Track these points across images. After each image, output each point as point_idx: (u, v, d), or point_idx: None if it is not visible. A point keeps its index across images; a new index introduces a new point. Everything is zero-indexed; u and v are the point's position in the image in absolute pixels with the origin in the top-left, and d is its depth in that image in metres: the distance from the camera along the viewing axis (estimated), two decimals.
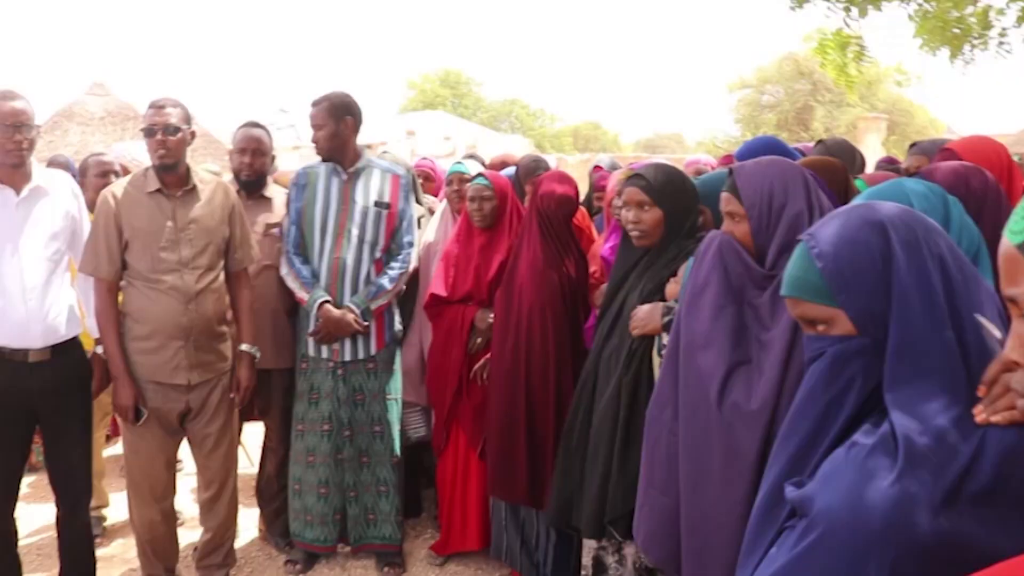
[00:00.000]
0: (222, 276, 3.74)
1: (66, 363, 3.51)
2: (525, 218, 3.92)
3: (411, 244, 4.17)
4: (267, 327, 4.11)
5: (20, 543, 3.63)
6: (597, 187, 4.88)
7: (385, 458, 4.15)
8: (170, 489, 3.81)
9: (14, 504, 3.56)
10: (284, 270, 4.06)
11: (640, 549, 2.58)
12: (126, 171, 4.57)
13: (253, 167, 4.20)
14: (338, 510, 4.16)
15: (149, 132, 3.53)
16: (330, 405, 4.07)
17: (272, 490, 4.39)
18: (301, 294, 4.00)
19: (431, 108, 38.51)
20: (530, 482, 3.72)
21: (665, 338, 2.63)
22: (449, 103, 43.92)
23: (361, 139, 4.20)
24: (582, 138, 45.81)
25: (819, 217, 1.87)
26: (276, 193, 4.34)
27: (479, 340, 4.01)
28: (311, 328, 4.01)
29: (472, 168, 4.47)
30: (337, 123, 4.01)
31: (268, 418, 4.35)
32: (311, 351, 4.08)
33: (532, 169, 4.86)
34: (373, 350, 4.11)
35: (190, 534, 4.33)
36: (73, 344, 3.56)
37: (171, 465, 3.79)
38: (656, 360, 2.74)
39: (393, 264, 4.11)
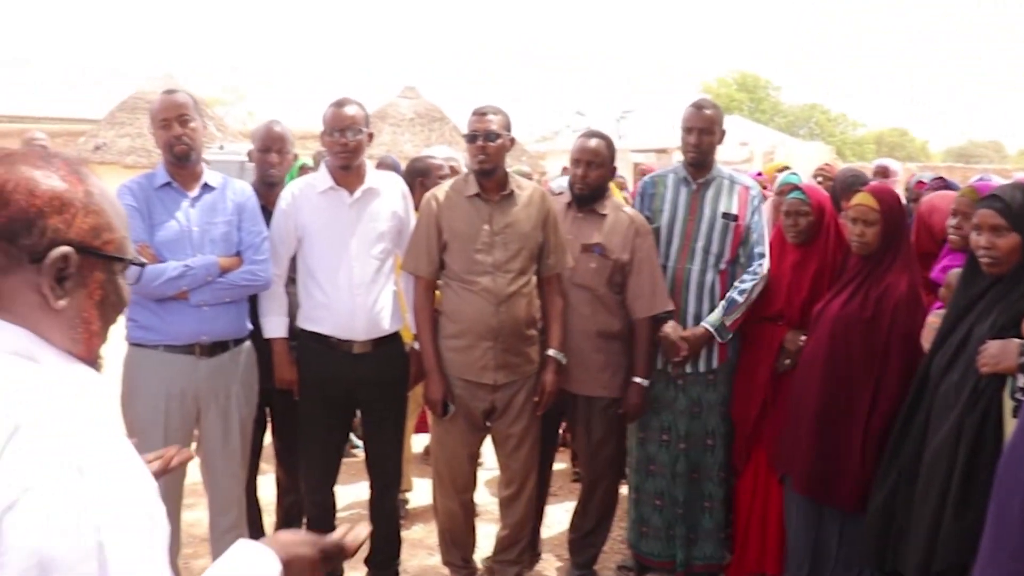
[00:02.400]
0: (534, 281, 3.80)
1: (387, 356, 3.73)
2: (902, 240, 3.54)
3: (763, 255, 4.01)
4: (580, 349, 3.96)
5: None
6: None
7: (713, 472, 4.08)
8: (471, 482, 3.94)
9: (334, 481, 3.85)
10: None
11: None
12: (455, 172, 4.78)
13: (587, 180, 3.90)
14: (672, 525, 4.12)
15: (471, 138, 3.65)
16: (669, 416, 4.05)
17: None
18: None
19: (727, 113, 37.67)
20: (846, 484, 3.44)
21: (1021, 380, 2.34)
22: (745, 108, 42.88)
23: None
24: (886, 145, 43.15)
25: None
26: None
27: (787, 362, 3.81)
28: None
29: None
30: (717, 133, 4.01)
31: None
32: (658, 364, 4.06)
33: (850, 184, 4.57)
34: (715, 363, 4.04)
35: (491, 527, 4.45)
36: (394, 338, 3.78)
37: (474, 459, 3.92)
38: (1008, 403, 2.44)
39: (744, 276, 3.99)
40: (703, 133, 3.98)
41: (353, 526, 1.58)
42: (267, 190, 3.88)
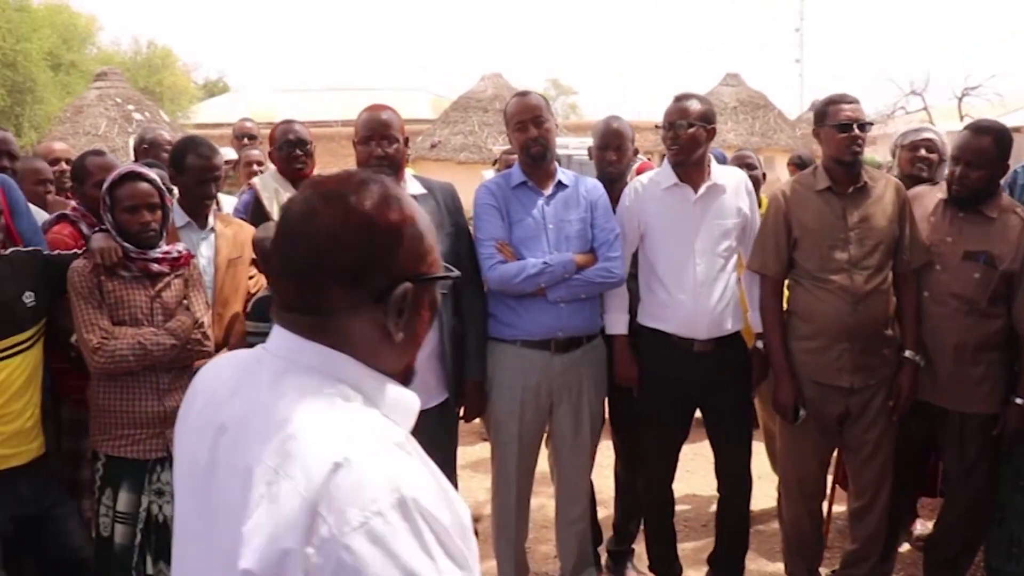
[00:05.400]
0: (890, 277, 3.55)
1: (728, 355, 3.65)
2: None
3: None
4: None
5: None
6: None
7: None
8: (821, 490, 3.77)
9: (672, 478, 3.84)
10: None
11: None
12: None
13: (967, 181, 3.44)
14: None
15: (843, 127, 3.46)
16: None
17: None
18: None
19: None
20: None
21: None
22: None
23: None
24: None
25: None
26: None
27: None
28: None
29: None
30: None
31: None
32: None
33: None
34: None
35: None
36: (736, 338, 3.69)
37: (824, 466, 3.75)
38: None
39: None
40: None
41: None
42: (607, 187, 3.92)
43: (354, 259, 1.14)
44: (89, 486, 3.22)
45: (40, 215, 3.78)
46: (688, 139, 3.53)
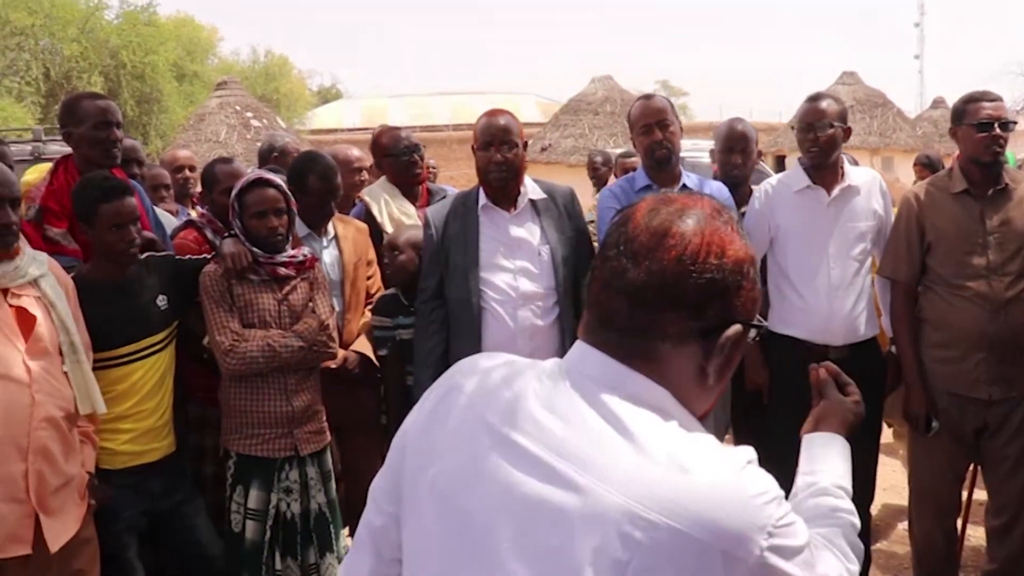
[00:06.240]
0: None
1: (864, 361, 3.51)
2: None
3: None
4: None
5: None
6: None
7: None
8: (956, 507, 3.60)
9: None
10: None
11: None
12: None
13: None
14: None
15: (982, 126, 3.30)
16: None
17: None
18: None
19: None
20: None
21: None
22: None
23: None
24: None
25: None
26: None
27: None
28: None
29: None
30: None
31: None
32: None
33: None
34: None
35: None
36: (871, 344, 3.57)
37: (959, 481, 3.57)
38: None
39: None
40: None
41: None
42: (730, 190, 3.84)
43: (701, 290, 1.09)
44: (213, 482, 3.33)
45: (167, 220, 3.93)
46: (828, 140, 3.45)
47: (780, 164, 17.09)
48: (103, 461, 2.91)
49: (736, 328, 1.12)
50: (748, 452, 1.09)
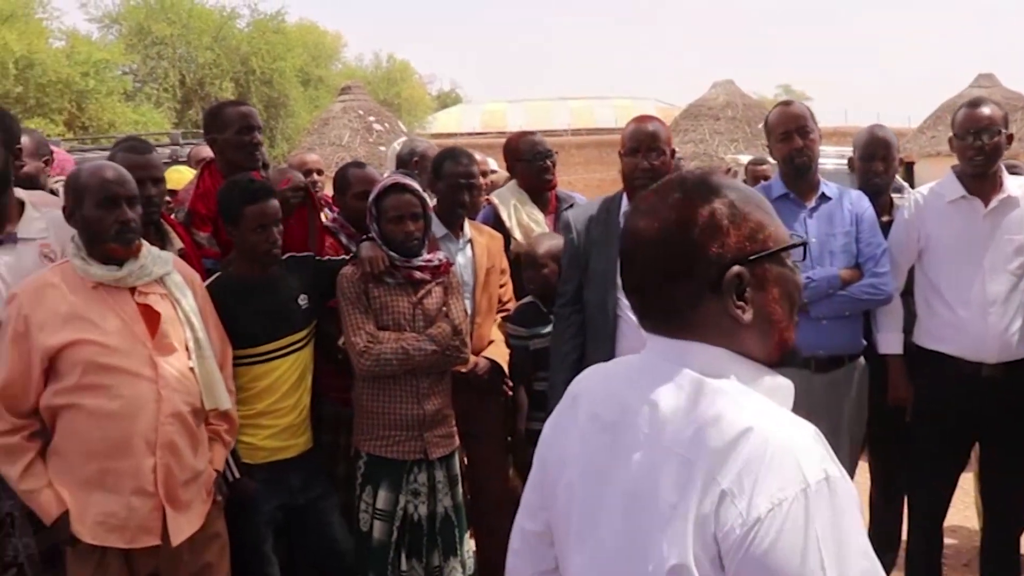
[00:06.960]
0: None
1: (1019, 381, 3.32)
2: None
3: None
4: None
5: None
6: None
7: None
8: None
9: (943, 513, 3.56)
10: None
11: None
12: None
13: None
14: None
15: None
16: None
17: None
18: None
19: None
20: None
21: None
22: None
23: None
24: None
25: None
26: None
27: None
28: None
29: None
30: None
31: None
32: None
33: None
34: None
35: None
36: None
37: None
38: None
39: None
40: None
41: None
42: (870, 199, 3.68)
43: (676, 257, 1.22)
44: (343, 481, 3.37)
45: None
46: (993, 147, 3.29)
47: (909, 171, 16.42)
48: (245, 456, 3.00)
49: (735, 271, 1.20)
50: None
